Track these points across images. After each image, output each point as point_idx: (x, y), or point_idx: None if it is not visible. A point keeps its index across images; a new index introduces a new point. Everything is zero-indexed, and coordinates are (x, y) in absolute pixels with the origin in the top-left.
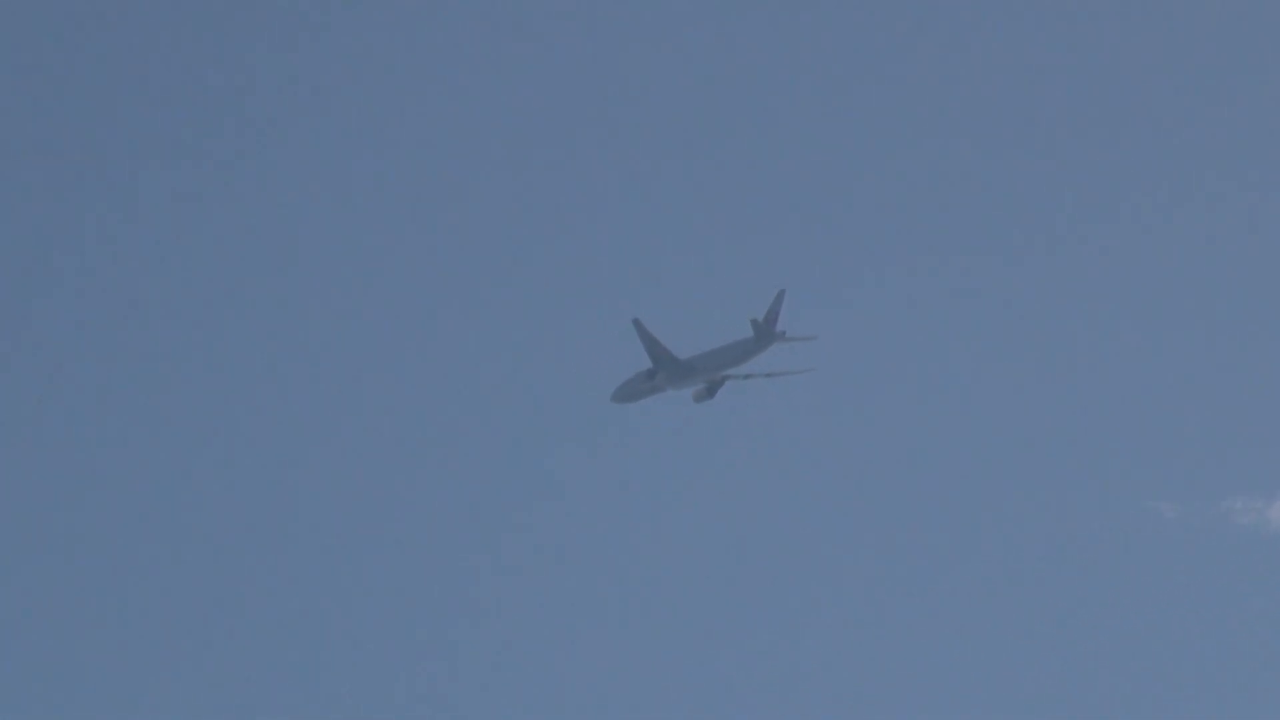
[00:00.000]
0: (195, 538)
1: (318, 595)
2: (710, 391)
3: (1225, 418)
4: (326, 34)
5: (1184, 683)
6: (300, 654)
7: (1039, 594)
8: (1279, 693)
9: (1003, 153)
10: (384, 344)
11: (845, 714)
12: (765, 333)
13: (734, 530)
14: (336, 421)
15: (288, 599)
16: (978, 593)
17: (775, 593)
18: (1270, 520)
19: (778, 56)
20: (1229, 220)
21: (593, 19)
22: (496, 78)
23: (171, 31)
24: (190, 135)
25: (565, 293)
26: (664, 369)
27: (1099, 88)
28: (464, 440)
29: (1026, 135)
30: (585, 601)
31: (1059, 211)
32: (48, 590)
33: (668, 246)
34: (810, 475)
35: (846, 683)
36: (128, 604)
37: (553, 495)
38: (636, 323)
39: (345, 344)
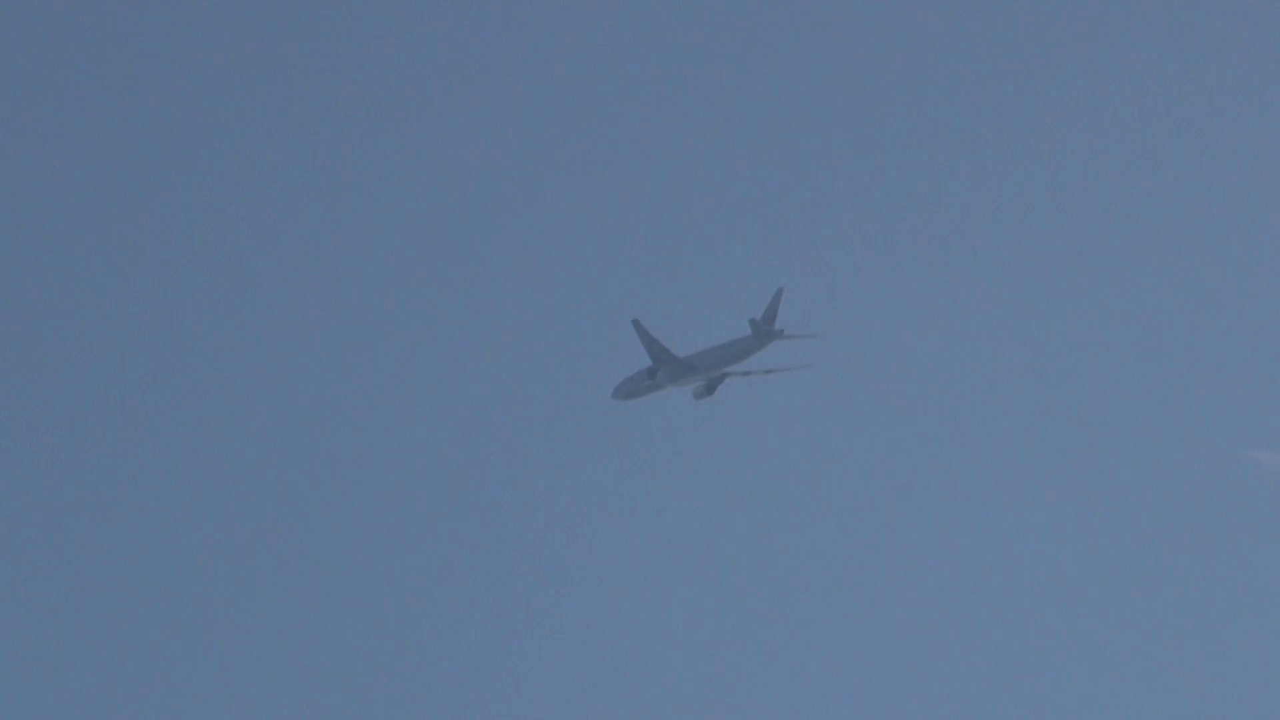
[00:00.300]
0: (189, 541)
1: (316, 593)
2: (710, 388)
3: None
4: (310, 31)
5: None
6: (292, 654)
7: (1118, 562)
8: None
9: (1002, 146)
10: (383, 342)
11: (862, 714)
12: (764, 331)
13: (734, 524)
14: (336, 419)
15: (280, 599)
16: (1031, 572)
17: (775, 588)
18: None
19: (774, 52)
20: None
21: (591, 16)
22: (494, 75)
23: (171, 32)
24: (182, 133)
25: (567, 291)
26: (664, 367)
27: (1095, 81)
28: (466, 438)
29: (1026, 129)
30: (587, 597)
31: (1068, 197)
32: (49, 590)
33: (669, 246)
34: (812, 469)
35: (867, 682)
36: (130, 604)
37: (556, 490)
38: (636, 323)
39: (345, 342)
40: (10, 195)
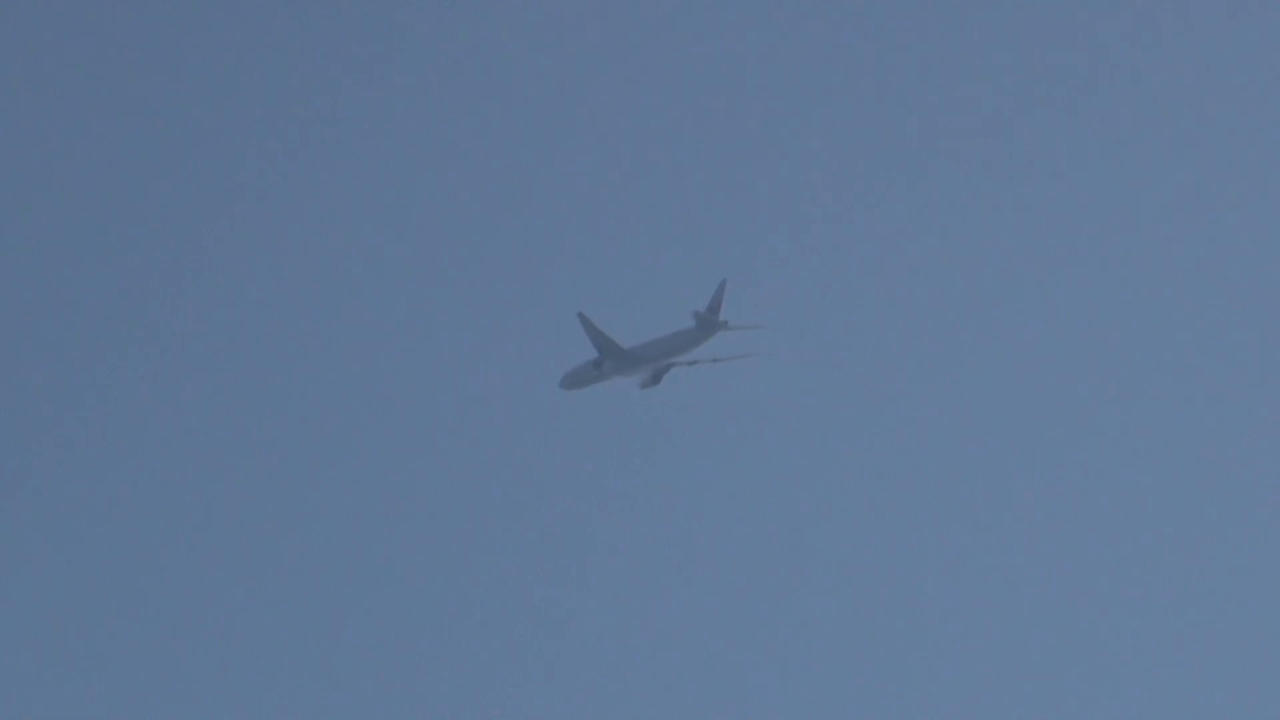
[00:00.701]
0: (167, 539)
1: (267, 589)
2: (655, 378)
3: None
4: (284, 29)
5: None
6: (257, 653)
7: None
8: None
9: (948, 134)
10: (327, 335)
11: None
12: (708, 323)
13: (680, 509)
14: (286, 416)
15: (247, 598)
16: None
17: (721, 574)
18: None
19: (717, 43)
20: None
21: (525, 12)
22: (436, 71)
23: (169, 32)
24: (170, 132)
25: (513, 284)
26: (610, 359)
27: (1040, 68)
28: (412, 428)
29: (976, 117)
30: (537, 588)
31: (1018, 185)
32: (49, 590)
33: (614, 239)
34: (759, 456)
35: (830, 670)
36: (130, 604)
37: (503, 478)
38: (581, 316)
39: (292, 336)
40: (10, 195)
